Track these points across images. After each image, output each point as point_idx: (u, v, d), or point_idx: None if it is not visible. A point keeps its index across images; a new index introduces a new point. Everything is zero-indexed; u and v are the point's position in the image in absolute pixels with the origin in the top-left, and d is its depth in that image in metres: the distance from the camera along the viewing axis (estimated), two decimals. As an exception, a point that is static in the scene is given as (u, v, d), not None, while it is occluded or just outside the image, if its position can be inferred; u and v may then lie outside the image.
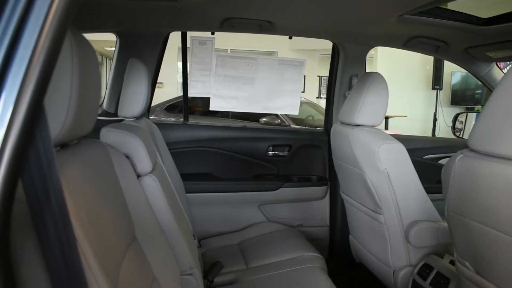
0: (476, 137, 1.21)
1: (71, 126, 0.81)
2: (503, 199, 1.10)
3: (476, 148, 1.22)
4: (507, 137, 1.08)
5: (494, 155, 1.14)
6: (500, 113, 1.12)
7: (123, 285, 0.92)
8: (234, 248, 2.35)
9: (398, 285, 1.98)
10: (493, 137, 1.14)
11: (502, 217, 1.12)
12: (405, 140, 2.06)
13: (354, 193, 2.18)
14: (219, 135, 2.68)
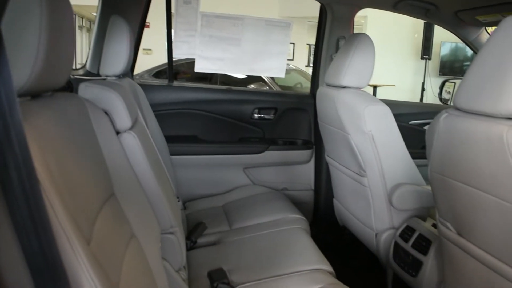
0: (462, 95, 1.20)
1: (41, 75, 0.79)
2: (485, 157, 1.09)
3: (461, 106, 1.20)
4: (491, 95, 1.07)
5: (478, 113, 1.13)
6: (485, 72, 1.11)
7: (97, 240, 0.90)
8: (218, 210, 2.34)
9: (380, 247, 1.99)
10: (477, 95, 1.12)
11: (484, 176, 1.11)
12: (391, 105, 2.04)
13: (339, 156, 2.17)
14: (204, 97, 2.63)
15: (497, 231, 1.15)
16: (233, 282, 1.58)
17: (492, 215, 1.14)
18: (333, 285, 1.52)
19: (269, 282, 1.56)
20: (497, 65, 1.07)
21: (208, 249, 1.90)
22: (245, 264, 1.71)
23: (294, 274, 1.60)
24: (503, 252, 1.16)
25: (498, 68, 1.07)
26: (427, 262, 1.70)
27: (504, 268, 1.16)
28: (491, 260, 1.20)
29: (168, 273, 1.46)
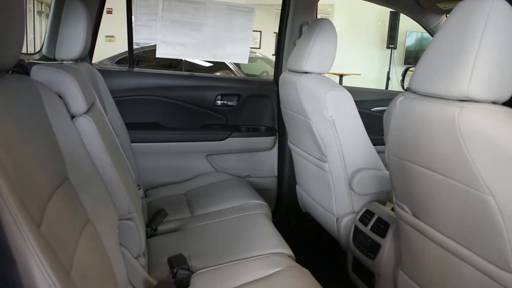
0: (417, 79, 1.21)
1: None
2: (439, 139, 1.10)
3: (416, 89, 1.22)
4: (445, 78, 1.09)
5: (432, 95, 1.14)
6: (439, 56, 1.12)
7: (48, 223, 0.88)
8: (180, 197, 2.32)
9: (341, 232, 2.02)
10: (432, 78, 1.14)
11: (437, 158, 1.13)
12: (354, 92, 2.05)
13: (301, 142, 2.18)
14: (166, 83, 2.60)
15: (450, 212, 1.18)
16: (193, 268, 1.58)
17: (444, 196, 1.17)
18: (292, 267, 1.53)
19: (229, 266, 1.56)
20: (450, 49, 1.09)
21: (168, 236, 1.89)
22: (205, 250, 1.70)
23: (254, 258, 1.61)
24: (455, 232, 1.19)
25: (451, 51, 1.08)
26: (385, 244, 1.73)
27: (457, 248, 1.19)
28: (445, 241, 1.23)
29: (126, 259, 1.44)
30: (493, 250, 1.07)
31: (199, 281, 1.48)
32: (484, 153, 0.99)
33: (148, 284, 1.48)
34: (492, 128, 0.97)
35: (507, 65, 1.04)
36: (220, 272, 1.52)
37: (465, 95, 1.04)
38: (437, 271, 1.34)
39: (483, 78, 1.02)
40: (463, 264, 1.19)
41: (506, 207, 0.99)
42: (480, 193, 1.03)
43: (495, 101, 1.05)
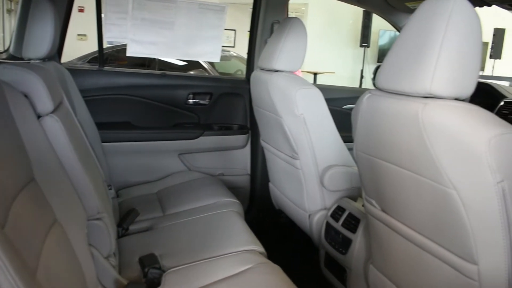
0: (382, 76, 1.23)
1: None
2: (404, 135, 1.12)
3: (382, 86, 1.24)
4: (409, 75, 1.11)
5: (397, 92, 1.16)
6: (404, 53, 1.14)
7: (12, 224, 0.87)
8: (152, 197, 2.31)
9: (313, 228, 2.04)
10: (397, 75, 1.16)
11: (402, 153, 1.15)
12: (325, 90, 2.07)
13: (273, 140, 2.19)
14: (137, 82, 2.58)
15: (416, 206, 1.20)
16: (164, 267, 1.57)
17: (411, 191, 1.19)
18: (263, 264, 1.53)
19: (200, 264, 1.56)
20: (414, 47, 1.11)
21: (140, 236, 1.88)
22: (177, 249, 1.70)
23: (225, 256, 1.61)
24: (422, 226, 1.21)
25: (415, 50, 1.10)
26: (356, 239, 1.75)
27: (424, 241, 1.21)
28: (413, 234, 1.25)
29: (96, 259, 1.43)
30: (458, 242, 1.09)
31: (170, 280, 1.48)
32: (446, 148, 1.01)
33: (119, 284, 1.47)
34: (453, 124, 1.00)
35: (468, 63, 1.07)
36: (191, 271, 1.52)
37: (428, 92, 1.06)
38: (406, 264, 1.36)
39: (446, 75, 1.04)
40: (430, 257, 1.21)
41: (469, 200, 1.01)
42: (444, 187, 1.05)
43: (457, 98, 1.08)
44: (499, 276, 1.05)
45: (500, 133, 0.95)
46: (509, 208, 0.98)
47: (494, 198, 0.97)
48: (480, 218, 1.02)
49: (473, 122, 0.99)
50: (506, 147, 0.95)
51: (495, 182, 0.96)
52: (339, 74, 9.24)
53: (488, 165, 0.95)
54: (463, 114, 1.01)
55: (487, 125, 0.97)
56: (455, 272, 1.14)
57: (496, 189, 0.96)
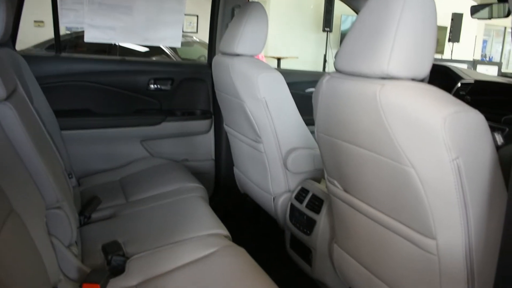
0: (341, 58, 1.24)
1: None
2: (363, 115, 1.14)
3: (341, 69, 1.25)
4: (367, 56, 1.12)
5: (356, 74, 1.18)
6: (362, 36, 1.16)
7: None
8: (115, 184, 2.27)
9: (278, 210, 2.05)
10: (355, 57, 1.17)
11: (362, 133, 1.17)
12: (287, 74, 2.08)
13: (236, 124, 2.18)
14: (96, 68, 2.52)
15: (377, 185, 1.22)
16: (128, 253, 1.56)
17: (371, 170, 1.21)
18: (227, 247, 1.54)
19: (164, 250, 1.55)
20: (371, 29, 1.13)
21: (103, 223, 1.85)
22: (140, 235, 1.68)
23: (189, 240, 1.61)
24: (383, 205, 1.24)
25: (372, 32, 1.12)
26: (320, 220, 1.78)
27: (386, 219, 1.24)
28: (374, 213, 1.28)
29: (56, 249, 1.41)
30: (417, 219, 1.12)
31: (134, 266, 1.47)
32: (404, 127, 1.03)
33: (82, 272, 1.45)
34: (410, 103, 1.02)
35: (424, 44, 1.09)
36: (155, 256, 1.51)
37: (385, 73, 1.08)
38: (368, 243, 1.39)
39: (402, 57, 1.06)
40: (391, 234, 1.24)
41: (426, 178, 1.04)
42: (403, 165, 1.07)
43: (414, 78, 1.10)
44: (456, 249, 1.09)
45: (454, 112, 0.98)
46: (464, 184, 1.01)
47: (450, 175, 1.00)
48: (437, 194, 1.05)
49: (429, 101, 1.01)
50: (460, 125, 0.98)
51: (450, 159, 0.98)
52: (303, 59, 9.28)
53: (443, 143, 0.97)
54: (419, 93, 1.04)
55: (442, 104, 1.00)
56: (415, 248, 1.17)
57: (452, 166, 0.99)
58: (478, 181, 1.03)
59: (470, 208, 1.04)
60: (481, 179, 1.03)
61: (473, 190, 1.02)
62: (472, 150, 1.00)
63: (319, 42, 9.48)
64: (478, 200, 1.04)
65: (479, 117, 1.00)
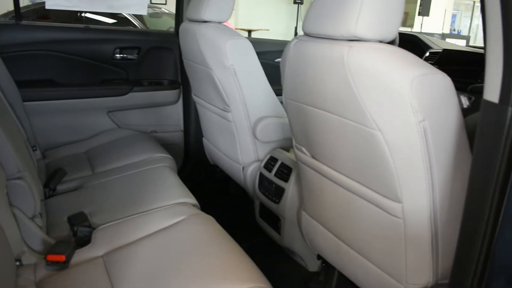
0: (309, 21, 1.22)
1: None
2: (330, 79, 1.13)
3: (308, 31, 1.23)
4: (334, 19, 1.10)
5: (323, 36, 1.16)
6: None
7: None
8: (81, 156, 2.22)
9: (247, 180, 2.05)
10: (322, 20, 1.15)
11: (329, 97, 1.16)
12: (257, 43, 2.04)
13: (204, 93, 2.15)
14: (59, 37, 2.42)
15: (344, 150, 1.22)
16: (94, 224, 1.53)
17: (338, 135, 1.20)
18: (195, 215, 1.53)
19: (131, 219, 1.53)
20: None
21: (69, 195, 1.81)
22: (107, 206, 1.65)
23: (157, 209, 1.59)
24: (350, 170, 1.24)
25: None
26: (288, 188, 1.78)
27: (353, 184, 1.24)
28: (342, 178, 1.28)
29: (19, 220, 1.37)
30: (384, 183, 1.13)
31: (100, 237, 1.44)
32: (371, 89, 1.02)
33: (46, 244, 1.42)
34: (377, 65, 1.01)
35: (391, 7, 1.08)
36: (122, 226, 1.49)
37: (353, 34, 1.06)
38: (335, 209, 1.40)
39: (369, 18, 1.05)
40: (358, 199, 1.25)
41: (392, 141, 1.04)
42: (369, 129, 1.07)
43: (382, 40, 1.09)
44: (422, 213, 1.10)
45: (422, 74, 0.97)
46: (430, 147, 1.02)
47: (416, 138, 1.00)
48: (403, 158, 1.05)
49: (396, 63, 1.00)
50: (427, 88, 0.98)
51: (416, 121, 0.98)
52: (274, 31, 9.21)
53: (410, 105, 0.97)
54: (386, 55, 1.02)
55: (409, 66, 0.99)
56: (382, 212, 1.18)
57: (418, 129, 0.99)
58: (444, 144, 1.03)
59: (435, 171, 1.05)
60: (446, 141, 1.03)
61: (439, 153, 1.03)
62: (438, 113, 1.00)
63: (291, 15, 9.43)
64: (443, 163, 1.05)
65: (446, 79, 1.00)
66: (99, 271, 1.29)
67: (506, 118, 0.83)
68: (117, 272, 1.27)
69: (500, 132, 0.84)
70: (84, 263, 1.34)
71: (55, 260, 1.31)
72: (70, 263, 1.33)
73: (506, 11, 0.82)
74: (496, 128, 0.85)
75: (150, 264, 1.28)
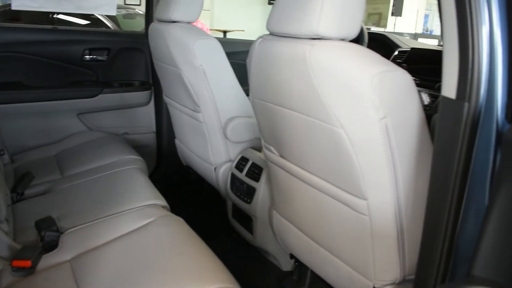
0: (273, 20, 1.23)
1: None
2: (294, 77, 1.13)
3: (272, 30, 1.24)
4: (297, 17, 1.11)
5: (286, 35, 1.17)
6: None
7: None
8: (50, 159, 2.18)
9: (219, 180, 2.04)
10: (285, 18, 1.16)
11: (294, 96, 1.16)
12: (228, 43, 2.03)
13: (175, 94, 2.14)
14: (26, 38, 2.38)
15: (310, 148, 1.22)
16: (62, 228, 1.50)
17: (304, 134, 1.21)
18: (165, 217, 1.51)
19: (99, 223, 1.51)
20: None
21: (37, 200, 1.78)
22: (75, 209, 1.63)
23: (126, 212, 1.57)
24: (316, 167, 1.24)
25: None
26: (259, 188, 1.78)
27: (320, 183, 1.25)
28: (309, 177, 1.29)
29: None
30: (349, 180, 1.14)
31: (68, 241, 1.42)
32: (333, 87, 1.03)
33: (13, 249, 1.39)
34: (338, 63, 1.02)
35: (354, 3, 1.08)
36: (90, 230, 1.47)
37: (315, 33, 1.07)
38: (305, 208, 1.40)
39: (331, 16, 1.05)
40: (326, 197, 1.25)
41: (355, 138, 1.05)
42: (333, 126, 1.07)
43: (344, 39, 1.10)
44: (387, 209, 1.11)
45: (382, 71, 0.98)
46: (392, 143, 1.03)
47: (378, 135, 1.01)
48: (366, 154, 1.06)
49: (357, 60, 1.01)
50: (388, 84, 0.99)
51: (378, 118, 0.99)
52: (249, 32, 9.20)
53: (371, 102, 0.98)
54: (348, 53, 1.03)
55: (370, 64, 1.00)
56: (349, 209, 1.19)
57: (380, 126, 1.00)
58: (406, 140, 1.04)
59: (398, 167, 1.06)
60: (408, 138, 1.05)
61: (401, 149, 1.04)
62: (400, 109, 1.01)
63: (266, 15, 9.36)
64: (406, 158, 1.06)
65: (406, 76, 1.02)
66: (66, 276, 1.27)
67: (462, 113, 0.85)
68: (85, 276, 1.25)
69: (457, 127, 0.86)
70: (51, 268, 1.32)
71: (21, 265, 1.29)
72: (37, 269, 1.31)
73: (460, 12, 0.84)
74: (454, 123, 0.87)
75: (117, 267, 1.27)
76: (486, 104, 0.84)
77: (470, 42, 0.83)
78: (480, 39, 0.82)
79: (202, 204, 2.49)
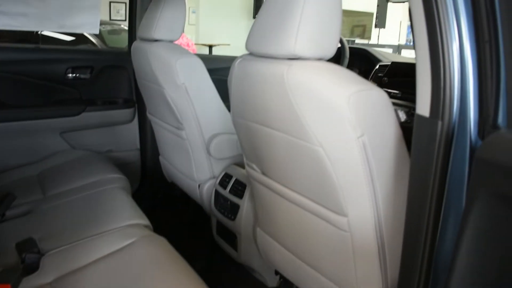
0: (252, 40, 1.24)
1: None
2: (272, 97, 1.14)
3: (251, 50, 1.25)
4: (275, 38, 1.12)
5: (265, 55, 1.18)
6: (270, 18, 1.16)
7: None
8: (32, 179, 2.16)
9: (203, 197, 2.04)
10: (264, 39, 1.17)
11: (273, 115, 1.17)
12: (210, 60, 2.04)
13: (159, 112, 2.14)
14: (8, 58, 2.37)
15: (290, 166, 1.23)
16: (43, 250, 1.49)
17: (284, 152, 1.22)
18: (146, 237, 1.51)
19: (80, 244, 1.50)
20: (279, 10, 1.13)
21: (18, 221, 1.75)
22: (57, 230, 1.61)
23: (107, 232, 1.56)
24: (298, 185, 1.25)
25: (279, 13, 1.12)
26: (243, 204, 1.78)
27: (301, 200, 1.26)
28: (291, 194, 1.29)
29: None
30: (330, 198, 1.15)
31: (49, 263, 1.41)
32: (310, 106, 1.04)
33: None
34: (315, 83, 1.03)
35: (329, 24, 1.10)
36: (71, 251, 1.46)
37: (292, 53, 1.08)
38: (288, 224, 1.41)
39: (308, 37, 1.07)
40: (308, 214, 1.26)
41: (334, 156, 1.06)
42: (312, 145, 1.08)
43: (321, 58, 1.12)
44: (367, 225, 1.12)
45: (358, 90, 1.00)
46: (370, 160, 1.04)
47: (356, 153, 1.02)
48: (345, 172, 1.07)
49: (334, 80, 1.03)
50: (364, 103, 1.00)
51: (355, 137, 1.00)
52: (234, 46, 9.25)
53: (348, 121, 0.99)
54: (324, 73, 1.05)
55: (347, 83, 1.02)
56: (330, 226, 1.20)
57: (358, 144, 1.01)
58: (384, 157, 1.06)
59: (377, 183, 1.07)
60: (386, 155, 1.06)
61: (379, 166, 1.05)
62: (376, 127, 1.03)
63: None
64: (384, 175, 1.07)
65: (382, 94, 1.03)
66: (46, 299, 1.25)
67: (436, 131, 0.86)
68: None
69: (432, 144, 0.87)
70: (32, 291, 1.30)
71: (1, 289, 1.27)
72: (17, 292, 1.29)
73: (431, 32, 0.85)
74: (429, 140, 0.88)
75: (99, 290, 1.26)
76: (459, 122, 0.85)
77: (441, 60, 0.84)
78: (451, 56, 0.84)
79: (187, 221, 2.48)
